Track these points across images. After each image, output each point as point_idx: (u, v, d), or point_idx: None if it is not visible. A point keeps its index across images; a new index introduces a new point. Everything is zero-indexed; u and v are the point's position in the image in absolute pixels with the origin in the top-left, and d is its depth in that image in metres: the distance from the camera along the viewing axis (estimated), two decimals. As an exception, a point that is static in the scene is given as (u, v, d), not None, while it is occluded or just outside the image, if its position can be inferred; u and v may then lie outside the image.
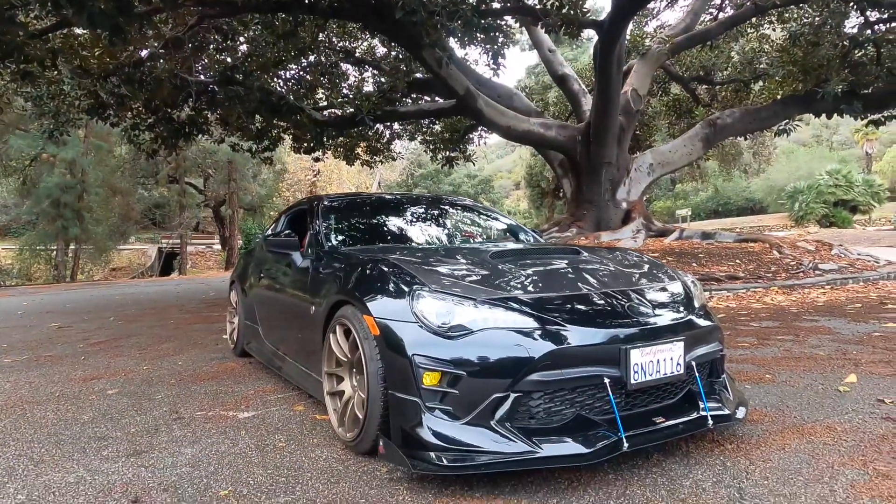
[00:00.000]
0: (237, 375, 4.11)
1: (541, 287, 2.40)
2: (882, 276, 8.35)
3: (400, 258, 2.69)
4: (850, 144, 58.54)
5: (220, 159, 28.66)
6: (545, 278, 2.50)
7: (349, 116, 12.40)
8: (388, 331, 2.24)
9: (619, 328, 2.21)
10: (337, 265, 2.93)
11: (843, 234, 29.92)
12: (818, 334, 4.95)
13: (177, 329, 6.76)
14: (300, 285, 3.25)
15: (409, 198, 4.23)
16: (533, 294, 2.32)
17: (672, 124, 19.33)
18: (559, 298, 2.32)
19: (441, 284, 2.32)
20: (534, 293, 2.33)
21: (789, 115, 13.31)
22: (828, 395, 3.15)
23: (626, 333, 2.21)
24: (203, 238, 43.40)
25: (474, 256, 2.77)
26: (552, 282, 2.48)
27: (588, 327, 2.19)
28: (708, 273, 7.90)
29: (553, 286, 2.43)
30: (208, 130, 13.56)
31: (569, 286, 2.43)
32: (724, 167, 30.78)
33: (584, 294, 2.37)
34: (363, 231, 3.68)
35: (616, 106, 11.48)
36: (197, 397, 3.54)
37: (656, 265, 2.98)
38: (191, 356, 4.95)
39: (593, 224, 12.10)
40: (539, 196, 43.53)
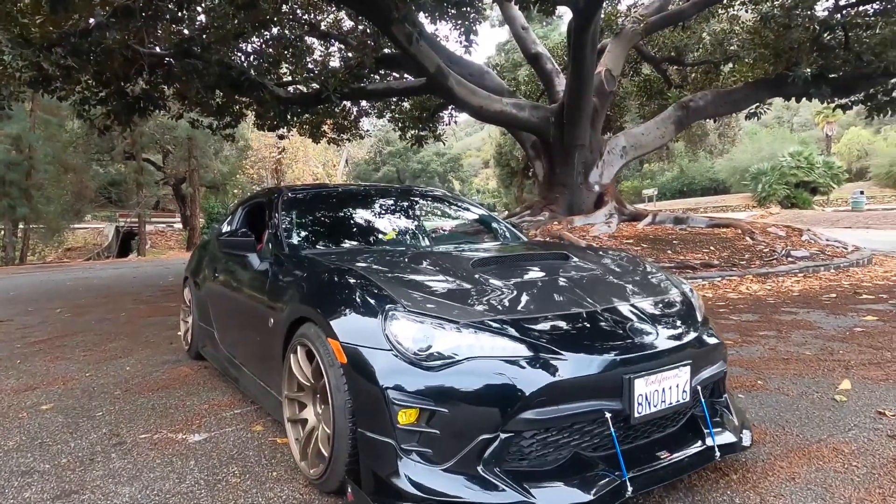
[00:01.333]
0: (190, 384, 3.75)
1: (531, 304, 2.12)
2: (851, 263, 8.37)
3: (370, 267, 2.37)
4: (810, 126, 59.92)
5: (179, 135, 27.47)
6: (535, 292, 2.22)
7: (314, 93, 11.86)
8: (357, 358, 1.93)
9: (621, 353, 1.95)
10: (298, 272, 2.59)
11: (803, 214, 30.61)
12: (800, 329, 4.83)
13: (129, 324, 6.30)
14: (257, 291, 2.90)
15: (378, 189, 3.88)
16: (523, 314, 2.03)
17: (643, 105, 19.23)
18: (554, 319, 2.03)
19: (418, 302, 2.02)
20: (524, 312, 2.04)
21: (760, 98, 13.28)
22: (825, 405, 2.98)
23: (629, 360, 1.94)
24: (164, 216, 41.91)
25: (454, 264, 2.47)
26: (543, 297, 2.19)
27: (588, 354, 1.92)
28: (683, 261, 7.78)
29: (545, 302, 2.14)
30: (165, 106, 12.81)
31: (563, 302, 2.15)
32: (691, 148, 31.09)
33: (580, 313, 2.09)
34: (329, 228, 3.32)
35: (590, 87, 11.22)
36: (143, 414, 3.17)
37: (652, 271, 2.72)
38: (141, 359, 4.55)
39: (566, 208, 11.91)
40: (508, 175, 43.37)
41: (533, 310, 2.07)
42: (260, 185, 44.88)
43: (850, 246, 9.57)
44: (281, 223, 3.10)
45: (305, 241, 3.08)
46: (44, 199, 23.64)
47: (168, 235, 38.03)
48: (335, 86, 11.03)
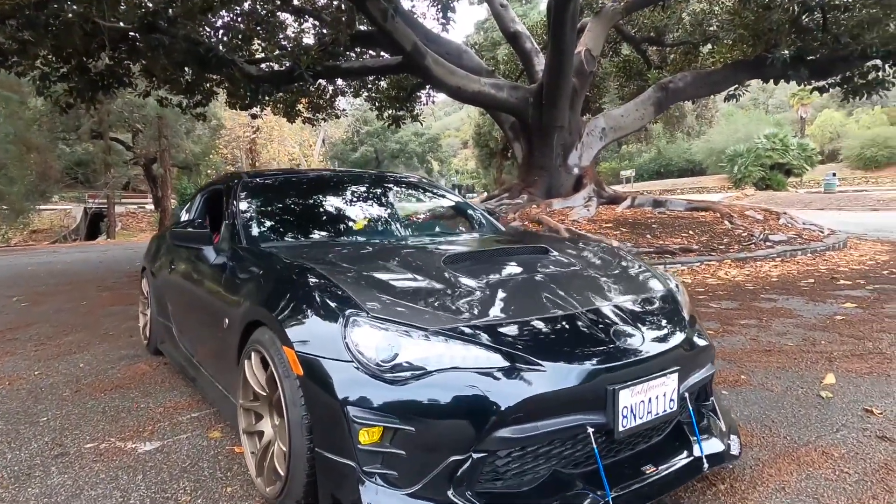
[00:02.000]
0: (147, 383, 3.52)
1: (507, 306, 1.94)
2: (828, 247, 8.38)
3: (332, 265, 2.17)
4: (784, 108, 60.58)
5: (148, 114, 26.57)
6: (511, 292, 2.04)
7: (287, 71, 11.43)
8: (315, 370, 1.74)
9: (605, 362, 1.78)
10: (254, 269, 2.37)
11: (777, 196, 31.03)
12: (780, 318, 4.76)
13: (88, 314, 6.01)
14: (213, 288, 2.68)
15: (347, 176, 3.64)
16: (499, 318, 1.85)
17: (622, 86, 19.10)
18: (531, 323, 1.86)
19: (383, 305, 1.83)
20: (500, 316, 1.86)
21: (739, 79, 13.21)
22: (810, 402, 2.88)
23: (614, 368, 1.78)
24: (135, 197, 40.82)
25: (424, 261, 2.27)
26: (520, 297, 2.01)
27: (569, 363, 1.75)
28: (662, 246, 7.69)
29: (522, 304, 1.96)
30: (131, 83, 12.28)
31: (541, 303, 1.97)
32: (668, 129, 31.12)
33: (560, 315, 1.92)
34: (292, 219, 3.08)
35: (570, 67, 11.00)
36: (91, 419, 2.95)
37: (637, 264, 2.57)
38: (97, 354, 4.29)
39: (544, 190, 11.76)
40: (487, 156, 43.08)
41: (509, 313, 1.89)
42: (234, 166, 43.94)
43: (825, 229, 9.61)
44: (239, 213, 2.86)
45: (266, 234, 2.84)
46: (6, 180, 22.77)
47: (140, 217, 37.11)
48: (308, 63, 10.64)
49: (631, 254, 2.77)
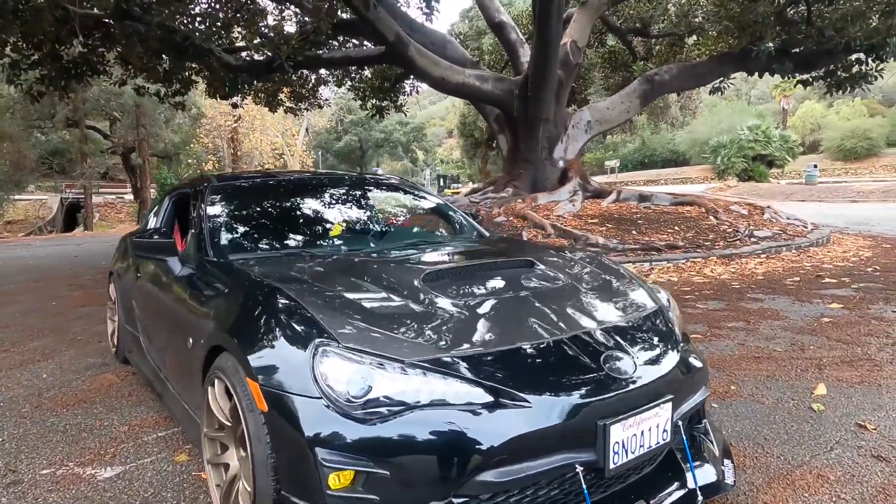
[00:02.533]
0: (113, 397, 3.35)
1: (491, 332, 1.80)
2: (812, 243, 8.38)
3: (302, 284, 2.01)
4: (766, 99, 61.00)
5: (125, 102, 25.93)
6: (495, 315, 1.90)
7: (266, 61, 11.15)
8: (281, 406, 1.59)
9: (596, 395, 1.66)
10: (219, 286, 2.21)
11: (759, 187, 31.29)
12: (768, 319, 4.69)
13: (58, 315, 5.78)
14: (178, 301, 2.51)
15: (325, 179, 3.46)
16: (481, 346, 1.71)
17: (607, 77, 19.00)
18: (517, 352, 1.72)
19: (355, 332, 1.68)
20: (482, 344, 1.73)
21: (725, 72, 13.15)
22: (803, 416, 2.80)
23: (605, 401, 1.66)
24: (114, 187, 40.00)
25: (401, 278, 2.12)
26: (505, 321, 1.88)
27: (557, 397, 1.62)
28: (648, 242, 7.62)
29: (507, 329, 1.83)
30: (105, 71, 11.91)
31: (527, 328, 1.84)
32: (653, 120, 31.19)
33: (548, 342, 1.79)
34: (264, 227, 2.90)
35: (555, 59, 10.85)
36: (51, 439, 2.77)
37: (626, 277, 2.44)
38: (63, 362, 4.10)
39: (529, 183, 11.64)
40: (472, 146, 42.91)
41: (492, 340, 1.76)
42: (216, 155, 43.23)
43: (809, 224, 9.62)
44: (206, 221, 2.68)
45: (235, 244, 2.66)
46: (-23, 170, 22.12)
47: (118, 207, 36.35)
48: (288, 53, 10.34)
49: (619, 265, 2.64)
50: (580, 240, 7.68)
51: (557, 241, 7.81)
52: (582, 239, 7.67)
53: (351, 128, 66.92)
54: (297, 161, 53.38)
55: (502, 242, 3.03)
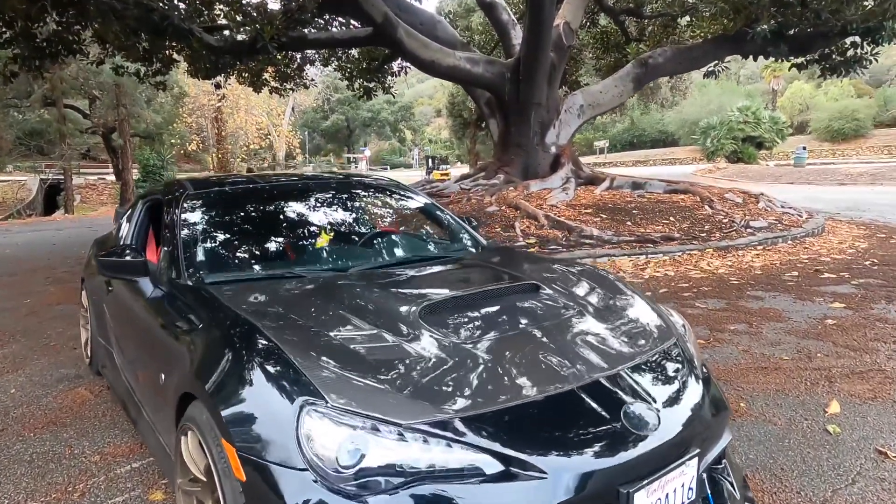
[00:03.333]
0: (85, 417, 3.13)
1: (498, 381, 1.60)
2: (807, 233, 8.27)
3: (283, 322, 1.80)
4: (756, 79, 60.79)
5: (105, 81, 25.17)
6: (502, 359, 1.69)
7: (249, 42, 10.73)
8: (262, 477, 1.39)
9: (618, 457, 1.47)
10: (192, 318, 1.99)
11: (748, 169, 31.25)
12: (771, 321, 4.56)
13: (32, 315, 5.52)
14: (149, 328, 2.29)
15: (310, 183, 3.21)
16: (488, 402, 1.51)
17: (599, 58, 18.71)
18: (528, 409, 1.52)
19: (346, 389, 1.48)
20: (489, 399, 1.52)
21: (720, 55, 12.92)
22: (819, 440, 2.65)
23: (628, 465, 1.48)
24: (96, 167, 39.07)
25: (396, 309, 1.91)
26: (513, 366, 1.67)
27: (576, 464, 1.43)
28: (644, 234, 7.45)
29: (515, 376, 1.62)
30: (81, 50, 11.42)
31: (538, 374, 1.64)
32: (643, 100, 30.92)
33: (563, 394, 1.59)
34: (244, 243, 2.65)
35: (548, 41, 10.56)
36: (15, 472, 2.56)
37: (638, 301, 2.25)
38: (34, 373, 3.86)
39: (521, 169, 11.41)
40: (461, 126, 42.41)
41: (500, 392, 1.55)
42: (200, 135, 42.39)
43: (804, 213, 9.51)
44: (179, 237, 2.44)
45: (211, 264, 2.42)
46: (-49, 152, 21.41)
47: (100, 189, 35.58)
48: (271, 34, 9.95)
49: (629, 285, 2.45)
50: (574, 231, 7.50)
51: (552, 233, 7.63)
52: (576, 231, 7.49)
53: (338, 107, 66.05)
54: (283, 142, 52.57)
55: (502, 255, 2.82)
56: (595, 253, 6.96)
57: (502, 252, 2.93)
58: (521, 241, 7.42)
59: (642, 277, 6.29)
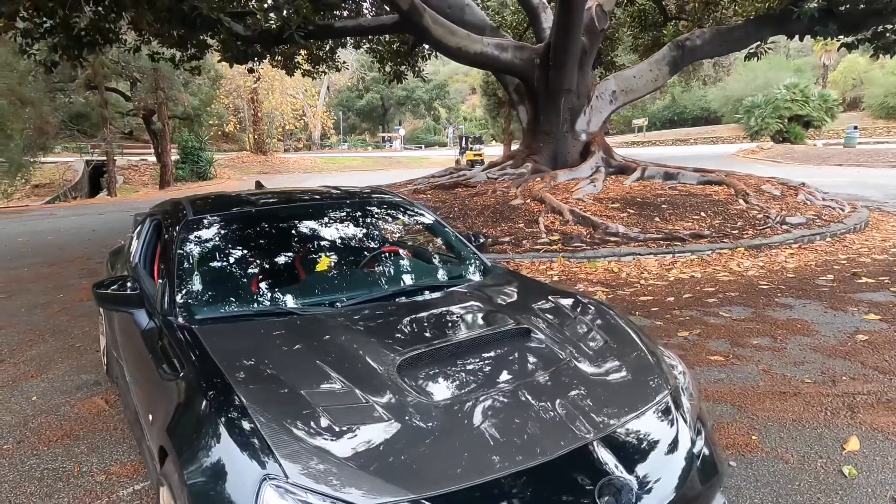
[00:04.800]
0: (98, 430, 3.22)
1: (471, 453, 1.54)
2: (848, 229, 7.88)
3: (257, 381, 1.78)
4: (807, 52, 57.95)
5: (143, 65, 25.68)
6: (477, 425, 1.63)
7: (276, 31, 10.74)
8: (221, 552, 1.39)
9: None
10: (176, 363, 1.99)
11: (794, 150, 30.02)
12: (797, 335, 4.36)
13: (62, 312, 5.73)
14: (142, 361, 2.32)
15: (313, 204, 3.15)
16: (458, 478, 1.46)
17: (636, 37, 18.08)
18: (500, 486, 1.47)
19: (310, 464, 1.45)
20: (460, 475, 1.47)
21: (762, 36, 12.31)
22: (831, 484, 2.52)
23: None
24: (138, 147, 40.07)
25: (377, 361, 1.87)
26: (488, 434, 1.60)
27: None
28: (672, 231, 7.22)
29: (489, 447, 1.56)
30: (118, 38, 11.64)
31: (513, 443, 1.58)
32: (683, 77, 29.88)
33: (537, 468, 1.52)
34: (236, 273, 2.62)
35: (579, 25, 10.22)
36: (26, 489, 2.66)
37: (636, 346, 2.15)
38: (55, 379, 4.00)
39: (550, 158, 11.20)
40: (495, 105, 41.83)
41: (472, 468, 1.49)
42: (237, 116, 43.00)
43: (846, 206, 9.05)
44: (176, 268, 2.45)
45: (203, 301, 2.39)
46: (2, 136, 22.24)
47: (142, 170, 36.53)
48: (298, 23, 9.92)
49: (630, 323, 2.35)
50: (600, 228, 7.32)
51: (576, 230, 7.46)
52: (601, 227, 7.31)
53: (373, 85, 65.86)
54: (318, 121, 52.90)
55: (500, 284, 2.73)
56: (620, 251, 6.79)
57: (501, 278, 2.84)
58: (545, 237, 7.29)
59: (667, 279, 6.11)
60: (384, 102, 69.26)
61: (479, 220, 8.12)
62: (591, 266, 6.57)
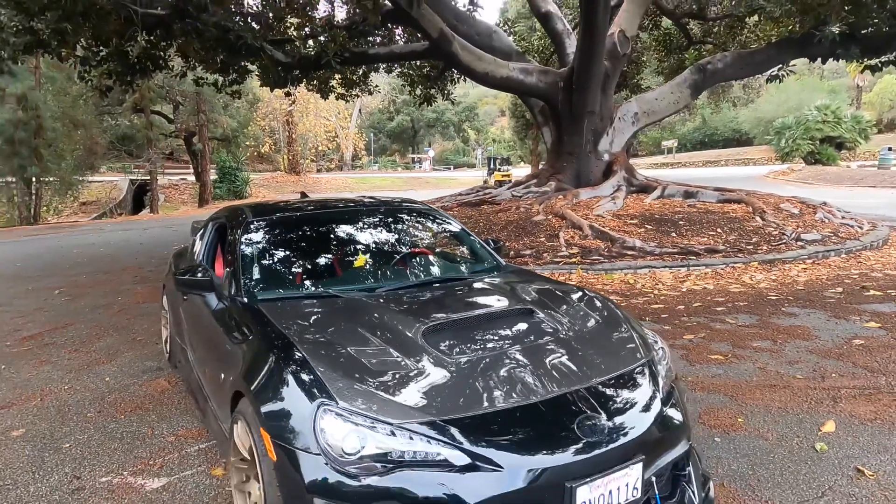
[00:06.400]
0: (164, 404, 3.73)
1: (477, 394, 1.97)
2: (864, 246, 8.07)
3: (312, 338, 2.25)
4: (841, 73, 57.25)
5: (187, 89, 27.06)
6: (482, 375, 2.07)
7: (314, 58, 11.47)
8: (287, 458, 1.84)
9: (565, 458, 1.83)
10: (245, 331, 2.48)
11: (826, 171, 29.70)
12: (797, 339, 4.66)
13: (122, 312, 6.33)
14: (214, 334, 2.81)
15: (348, 210, 3.67)
16: (464, 410, 1.90)
17: (661, 60, 18.44)
18: (498, 416, 1.90)
19: (353, 395, 1.91)
20: (466, 407, 1.91)
21: (784, 59, 12.58)
22: (803, 457, 2.86)
23: (573, 465, 1.83)
24: (178, 168, 41.80)
25: (406, 328, 2.32)
26: (490, 381, 2.04)
27: (528, 457, 1.81)
28: (687, 246, 7.54)
29: (492, 391, 2.00)
30: (167, 65, 12.54)
31: (512, 389, 2.01)
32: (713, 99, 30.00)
33: (529, 405, 1.96)
34: (291, 266, 3.15)
35: (601, 50, 10.69)
36: (109, 447, 3.16)
37: (622, 325, 2.56)
38: (123, 364, 4.55)
39: (573, 177, 11.60)
40: (523, 127, 42.43)
41: (475, 402, 1.94)
42: (272, 137, 44.52)
43: (865, 225, 9.22)
44: (239, 260, 2.97)
45: (264, 284, 2.91)
46: (54, 157, 23.65)
47: (182, 189, 38.04)
48: (335, 50, 10.62)
49: (621, 310, 2.76)
50: (617, 242, 7.68)
51: (595, 244, 7.84)
52: (619, 242, 7.67)
53: (403, 107, 67.26)
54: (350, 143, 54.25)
55: (512, 278, 3.18)
56: (636, 264, 7.14)
57: (514, 274, 3.28)
58: (565, 250, 7.68)
59: (680, 290, 6.43)
60: (414, 124, 70.57)
61: (502, 234, 8.55)
62: (607, 277, 6.93)
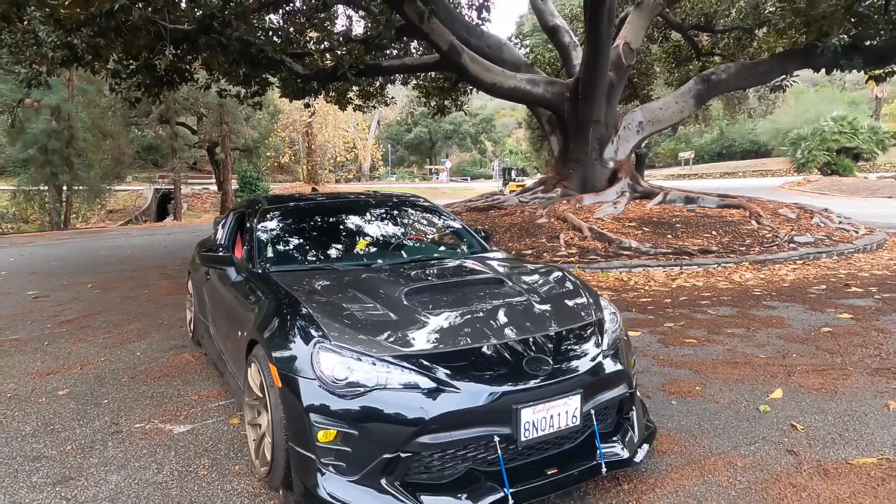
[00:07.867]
0: (188, 372, 4.22)
1: (445, 336, 2.41)
2: (857, 249, 8.34)
3: (314, 295, 2.71)
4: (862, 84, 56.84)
5: (210, 101, 28.05)
6: (453, 323, 2.51)
7: (331, 70, 12.07)
8: (290, 384, 2.29)
9: (512, 385, 2.25)
10: (260, 294, 2.95)
11: (842, 182, 29.65)
12: (770, 327, 5.01)
13: (149, 302, 6.86)
14: (234, 301, 3.28)
15: (355, 202, 4.15)
16: (434, 347, 2.34)
17: (671, 72, 18.79)
18: (460, 352, 2.34)
19: (344, 335, 2.35)
20: (435, 346, 2.35)
21: (787, 70, 12.91)
22: (746, 416, 3.23)
23: (518, 391, 2.25)
24: (201, 177, 43.02)
25: (388, 292, 2.76)
26: (458, 328, 2.48)
27: (482, 384, 2.23)
28: (681, 247, 7.89)
29: (458, 334, 2.43)
30: (192, 78, 13.25)
31: (474, 334, 2.44)
32: (729, 110, 30.18)
33: (485, 346, 2.39)
34: (299, 244, 3.65)
35: (606, 61, 11.11)
36: (141, 403, 3.65)
37: (579, 294, 2.97)
38: (152, 343, 5.05)
39: (579, 184, 11.99)
40: (539, 138, 42.78)
41: (442, 343, 2.38)
42: (292, 148, 45.55)
43: (861, 229, 9.46)
44: (255, 239, 3.46)
45: (275, 258, 3.41)
46: (84, 166, 24.67)
47: (204, 198, 39.13)
48: (350, 63, 11.19)
49: (581, 281, 3.17)
50: (614, 243, 8.06)
51: (593, 244, 8.22)
52: (616, 242, 8.05)
53: (421, 119, 68.10)
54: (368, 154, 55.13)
55: (492, 258, 3.62)
56: (631, 263, 7.51)
57: (494, 256, 3.72)
58: (564, 250, 8.08)
59: (669, 287, 6.79)
60: (432, 136, 71.44)
61: (505, 235, 8.98)
62: (603, 275, 7.31)
